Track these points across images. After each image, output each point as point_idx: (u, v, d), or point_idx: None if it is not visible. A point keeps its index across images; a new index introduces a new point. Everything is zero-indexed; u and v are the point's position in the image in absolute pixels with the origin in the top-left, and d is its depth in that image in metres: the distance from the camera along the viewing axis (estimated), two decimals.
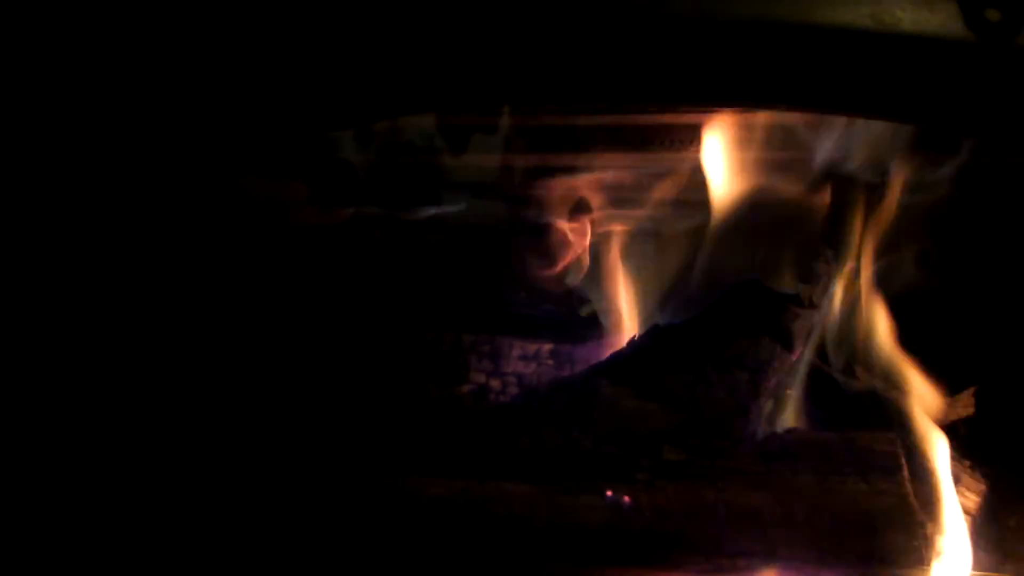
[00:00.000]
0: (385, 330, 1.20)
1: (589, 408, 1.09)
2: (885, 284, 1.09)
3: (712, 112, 1.14)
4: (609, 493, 1.00)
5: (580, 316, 1.29)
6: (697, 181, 1.18)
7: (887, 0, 0.76)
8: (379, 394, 1.16)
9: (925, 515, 0.99)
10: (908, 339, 1.08)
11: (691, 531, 0.97)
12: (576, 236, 1.32)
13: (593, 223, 1.31)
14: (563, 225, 1.32)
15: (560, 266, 1.31)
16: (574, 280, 1.32)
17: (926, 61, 0.74)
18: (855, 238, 1.10)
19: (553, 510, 1.00)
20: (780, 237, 1.13)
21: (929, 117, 0.78)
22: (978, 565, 0.99)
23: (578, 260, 1.32)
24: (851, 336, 1.11)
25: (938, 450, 1.02)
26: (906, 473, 1.00)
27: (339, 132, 1.23)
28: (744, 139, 1.12)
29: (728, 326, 1.10)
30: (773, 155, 1.13)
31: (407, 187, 1.31)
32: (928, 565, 0.95)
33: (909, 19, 0.72)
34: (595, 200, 1.30)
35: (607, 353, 1.19)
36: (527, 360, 1.24)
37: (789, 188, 1.12)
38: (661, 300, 1.22)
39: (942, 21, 0.71)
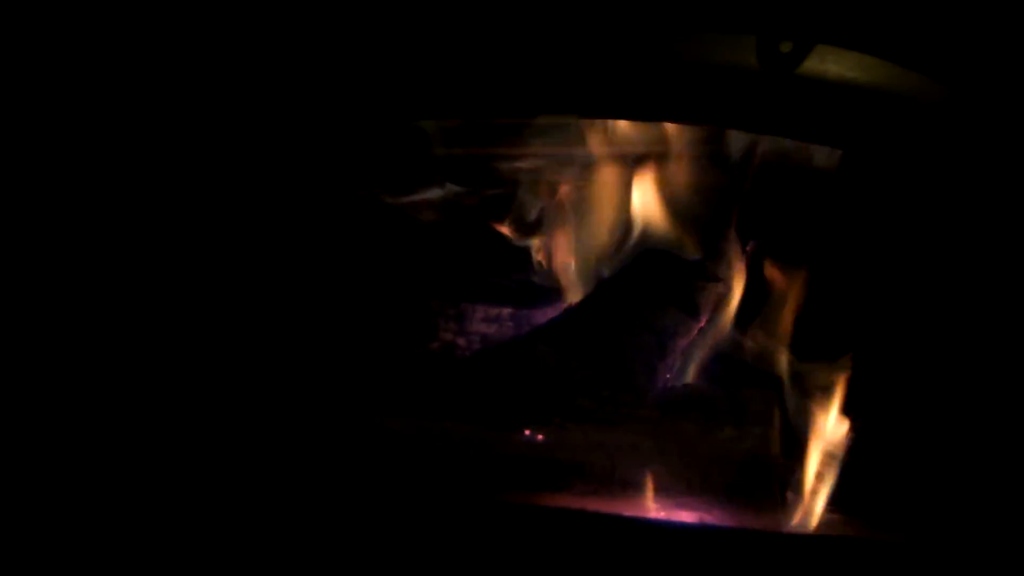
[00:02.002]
0: (365, 297, 1.44)
1: (524, 364, 1.31)
2: (780, 260, 1.26)
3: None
4: (527, 432, 1.22)
5: (541, 285, 1.50)
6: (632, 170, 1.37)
7: (714, 41, 0.93)
8: (359, 349, 1.40)
9: (789, 460, 1.17)
10: (798, 309, 1.25)
11: (589, 464, 1.18)
12: (543, 215, 1.53)
13: (558, 204, 1.51)
14: (531, 204, 1.53)
15: (527, 241, 1.52)
16: (539, 253, 1.52)
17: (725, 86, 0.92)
18: (755, 221, 1.27)
19: (482, 445, 1.22)
20: (693, 219, 1.31)
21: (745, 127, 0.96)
22: (838, 506, 1.16)
23: (544, 235, 1.52)
24: (751, 305, 1.28)
25: (810, 406, 1.19)
26: (776, 424, 1.18)
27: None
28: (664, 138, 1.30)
29: (641, 296, 1.30)
30: (691, 150, 1.30)
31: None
32: (783, 502, 1.13)
33: (716, 54, 0.89)
34: (558, 182, 1.50)
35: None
36: (490, 322, 1.46)
37: (703, 178, 1.30)
38: (604, 271, 1.42)
39: (737, 54, 0.88)
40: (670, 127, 1.26)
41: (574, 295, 1.42)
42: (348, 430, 1.28)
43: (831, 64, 0.88)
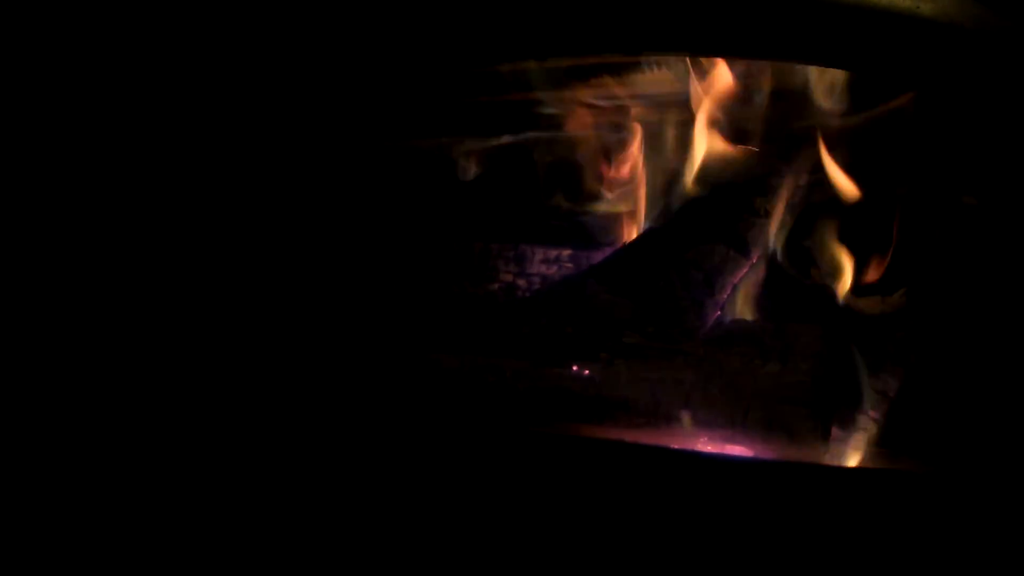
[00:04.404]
0: (429, 241, 1.50)
1: (576, 302, 1.34)
2: (832, 197, 1.23)
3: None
4: (575, 368, 1.26)
5: (599, 226, 1.52)
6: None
7: None
8: (421, 290, 1.47)
9: (836, 396, 1.16)
10: (853, 245, 1.22)
11: (633, 398, 1.21)
12: (603, 159, 1.54)
13: (618, 149, 1.52)
14: (592, 150, 1.54)
15: (588, 184, 1.54)
16: (600, 196, 1.54)
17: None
18: (806, 156, 1.25)
19: (532, 379, 1.26)
20: (745, 156, 1.29)
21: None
22: (886, 443, 1.14)
23: (604, 179, 1.54)
24: (806, 241, 1.26)
25: (861, 342, 1.17)
26: (824, 359, 1.17)
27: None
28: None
29: (690, 233, 1.30)
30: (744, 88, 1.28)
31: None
32: (827, 437, 1.13)
33: None
34: (618, 126, 1.51)
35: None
36: (549, 263, 1.49)
37: (754, 114, 1.28)
38: (660, 210, 1.42)
39: None
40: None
41: (629, 234, 1.44)
42: (409, 367, 1.35)
43: None
